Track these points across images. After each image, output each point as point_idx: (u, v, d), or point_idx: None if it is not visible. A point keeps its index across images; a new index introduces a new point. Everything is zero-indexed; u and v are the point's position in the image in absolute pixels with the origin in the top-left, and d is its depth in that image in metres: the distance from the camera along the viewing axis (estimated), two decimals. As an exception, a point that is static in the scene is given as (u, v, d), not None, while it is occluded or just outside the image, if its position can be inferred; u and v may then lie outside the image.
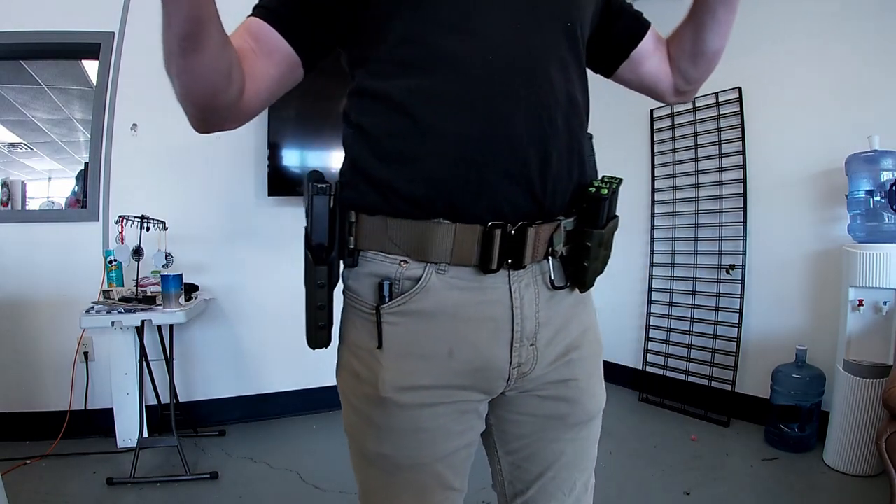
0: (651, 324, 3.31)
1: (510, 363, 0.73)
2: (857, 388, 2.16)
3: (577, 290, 0.79)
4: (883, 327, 2.21)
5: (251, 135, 2.92)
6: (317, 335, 0.74)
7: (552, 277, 0.75)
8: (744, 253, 2.85)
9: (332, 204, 0.69)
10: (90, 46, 2.68)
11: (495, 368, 0.72)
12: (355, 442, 0.78)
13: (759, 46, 2.81)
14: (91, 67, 3.78)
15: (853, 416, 2.17)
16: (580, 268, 0.75)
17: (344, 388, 0.79)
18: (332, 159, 2.99)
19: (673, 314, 3.20)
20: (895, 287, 2.16)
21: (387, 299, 0.69)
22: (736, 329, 2.86)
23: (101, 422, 2.54)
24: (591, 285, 0.79)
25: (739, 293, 2.86)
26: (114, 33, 2.67)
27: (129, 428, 2.43)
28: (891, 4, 2.34)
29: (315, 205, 0.68)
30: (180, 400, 2.69)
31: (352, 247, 0.71)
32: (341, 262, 0.73)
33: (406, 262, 0.69)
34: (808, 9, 2.63)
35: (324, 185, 0.68)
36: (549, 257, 0.73)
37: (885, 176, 2.21)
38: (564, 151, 0.72)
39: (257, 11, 0.71)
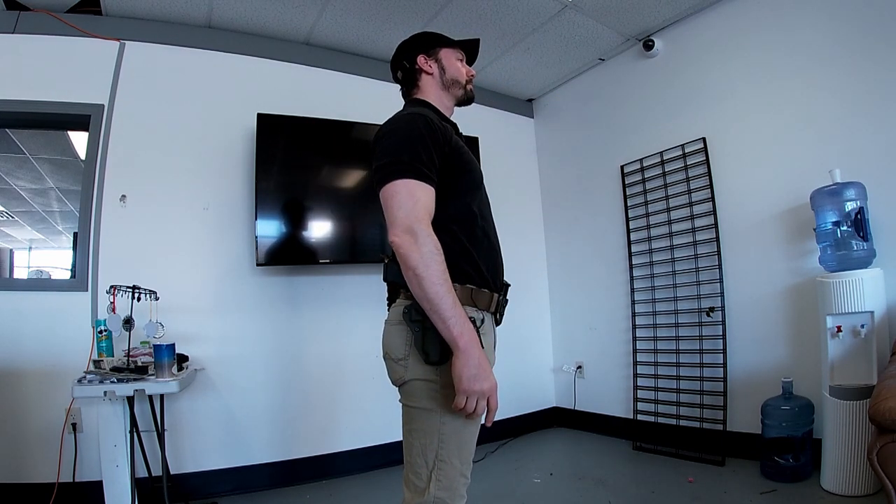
0: (638, 372, 3.36)
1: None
2: (846, 412, 2.21)
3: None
4: (863, 349, 2.28)
5: (238, 206, 3.00)
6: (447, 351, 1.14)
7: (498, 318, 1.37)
8: (722, 294, 2.95)
9: None
10: (80, 118, 2.76)
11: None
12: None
13: (719, 98, 3.03)
14: (77, 138, 3.86)
15: (845, 438, 2.21)
16: (501, 315, 1.36)
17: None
18: (315, 228, 3.08)
19: (659, 361, 3.25)
20: (870, 310, 2.25)
21: (477, 325, 1.17)
22: (721, 369, 2.92)
23: (90, 494, 2.46)
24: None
25: (721, 334, 2.94)
26: (104, 105, 2.76)
27: (119, 501, 2.35)
28: (844, 49, 2.53)
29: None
30: (171, 472, 2.62)
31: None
32: None
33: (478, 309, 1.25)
34: (762, 59, 2.84)
35: None
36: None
37: (850, 206, 2.33)
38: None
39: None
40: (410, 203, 1.13)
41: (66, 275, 6.41)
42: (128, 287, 2.31)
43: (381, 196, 1.18)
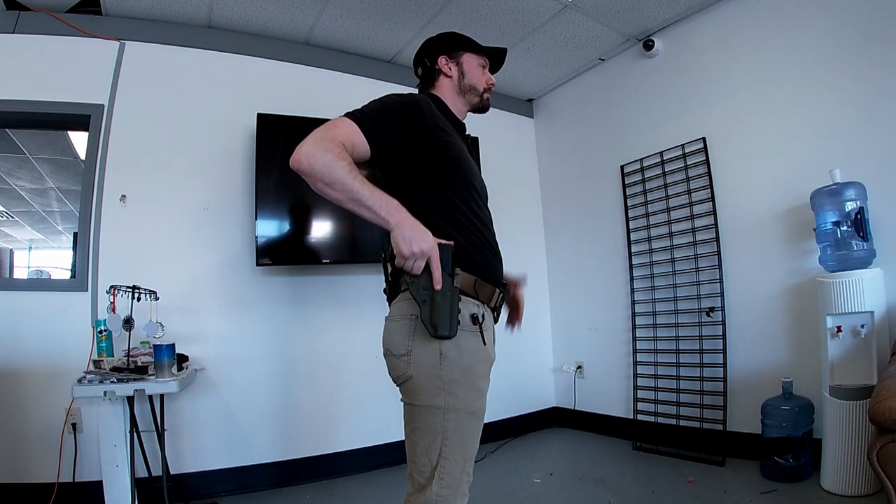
0: (638, 372, 3.36)
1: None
2: (846, 412, 2.21)
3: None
4: (863, 349, 2.28)
5: (238, 206, 3.00)
6: (455, 326, 1.15)
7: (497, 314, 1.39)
8: (722, 294, 2.95)
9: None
10: (80, 118, 2.75)
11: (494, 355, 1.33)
12: (465, 410, 1.18)
13: (719, 98, 3.03)
14: (77, 138, 3.86)
15: (845, 438, 2.21)
16: (499, 312, 1.38)
17: (459, 379, 1.18)
18: (315, 228, 3.08)
19: (659, 361, 3.25)
20: (870, 310, 2.25)
21: (479, 321, 1.22)
22: (721, 369, 2.92)
23: (90, 494, 2.46)
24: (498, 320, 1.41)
25: (721, 334, 2.94)
26: (104, 105, 2.76)
27: (119, 501, 2.35)
28: (844, 49, 2.53)
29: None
30: (171, 472, 2.62)
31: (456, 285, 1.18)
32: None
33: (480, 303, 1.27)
34: (762, 59, 2.84)
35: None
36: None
37: (849, 206, 2.33)
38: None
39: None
40: (329, 127, 1.16)
41: (66, 275, 6.40)
42: (128, 287, 2.31)
43: None
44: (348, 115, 1.20)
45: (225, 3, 2.87)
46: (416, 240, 1.08)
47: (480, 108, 1.52)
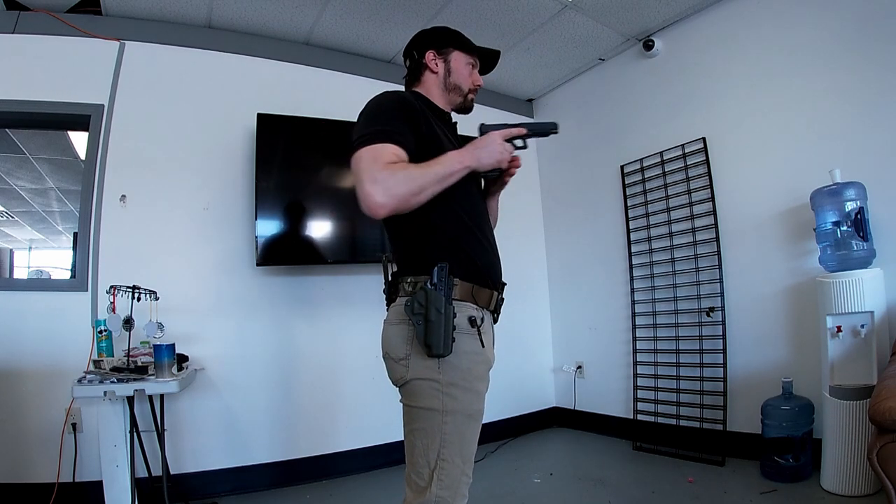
0: (638, 372, 3.36)
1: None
2: (846, 412, 2.21)
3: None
4: (863, 349, 2.28)
5: (238, 206, 3.00)
6: (450, 344, 1.16)
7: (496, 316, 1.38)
8: (722, 294, 2.95)
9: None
10: (80, 118, 2.75)
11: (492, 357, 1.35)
12: (463, 412, 1.19)
13: (719, 98, 3.03)
14: (77, 138, 3.86)
15: (845, 438, 2.21)
16: (498, 313, 1.37)
17: (457, 382, 1.18)
18: (315, 228, 3.08)
19: (659, 361, 3.25)
20: (870, 310, 2.25)
21: (477, 323, 1.23)
22: (721, 369, 2.92)
23: (90, 494, 2.46)
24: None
25: (721, 334, 2.94)
26: (104, 105, 2.76)
27: (119, 501, 2.34)
28: (844, 48, 2.53)
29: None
30: (171, 472, 2.62)
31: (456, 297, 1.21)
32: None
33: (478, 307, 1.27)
34: (762, 59, 2.84)
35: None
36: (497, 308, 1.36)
37: (850, 206, 2.33)
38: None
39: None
40: (369, 161, 1.13)
41: (66, 275, 6.39)
42: (128, 287, 2.31)
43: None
44: (363, 142, 1.16)
45: (225, 3, 2.87)
46: (489, 154, 1.24)
47: (463, 109, 1.48)
